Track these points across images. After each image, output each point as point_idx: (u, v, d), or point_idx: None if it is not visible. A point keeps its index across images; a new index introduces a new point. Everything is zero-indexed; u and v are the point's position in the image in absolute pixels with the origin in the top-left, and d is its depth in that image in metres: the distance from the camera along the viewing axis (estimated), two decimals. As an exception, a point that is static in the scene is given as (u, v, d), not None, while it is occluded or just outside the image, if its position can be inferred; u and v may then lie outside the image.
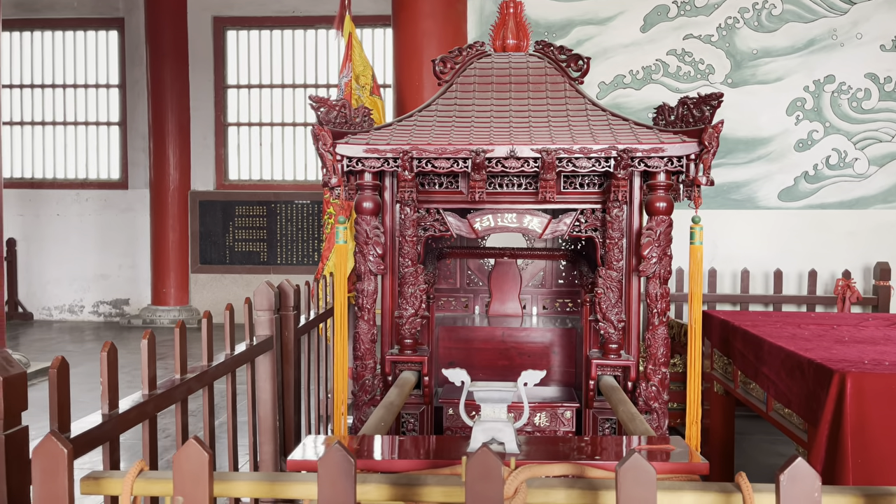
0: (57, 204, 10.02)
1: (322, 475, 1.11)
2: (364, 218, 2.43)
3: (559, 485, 1.36)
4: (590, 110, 2.56)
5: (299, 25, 9.82)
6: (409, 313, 2.46)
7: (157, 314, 9.53)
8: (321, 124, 2.33)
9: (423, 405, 2.51)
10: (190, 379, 2.41)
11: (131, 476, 1.35)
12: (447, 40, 5.30)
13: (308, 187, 9.92)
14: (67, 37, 10.13)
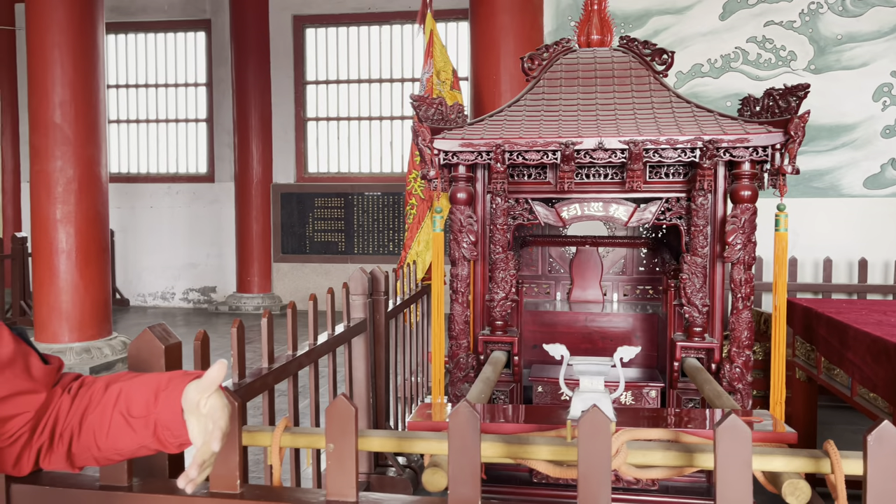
0: (150, 197, 10.64)
1: (452, 427, 1.29)
2: (458, 207, 2.60)
3: (656, 447, 1.50)
4: (674, 102, 2.66)
5: (375, 21, 10.08)
6: (500, 297, 2.62)
7: (242, 301, 10.01)
8: (420, 121, 2.51)
9: (513, 383, 2.67)
10: (301, 355, 2.65)
11: (279, 430, 1.57)
12: (523, 34, 5.42)
13: (383, 179, 10.20)
14: (159, 38, 10.71)
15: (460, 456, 1.29)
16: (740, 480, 1.24)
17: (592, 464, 1.27)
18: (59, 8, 6.07)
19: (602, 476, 1.26)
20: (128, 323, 9.18)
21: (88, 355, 6.35)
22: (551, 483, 2.43)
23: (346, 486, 1.33)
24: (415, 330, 4.57)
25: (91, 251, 6.39)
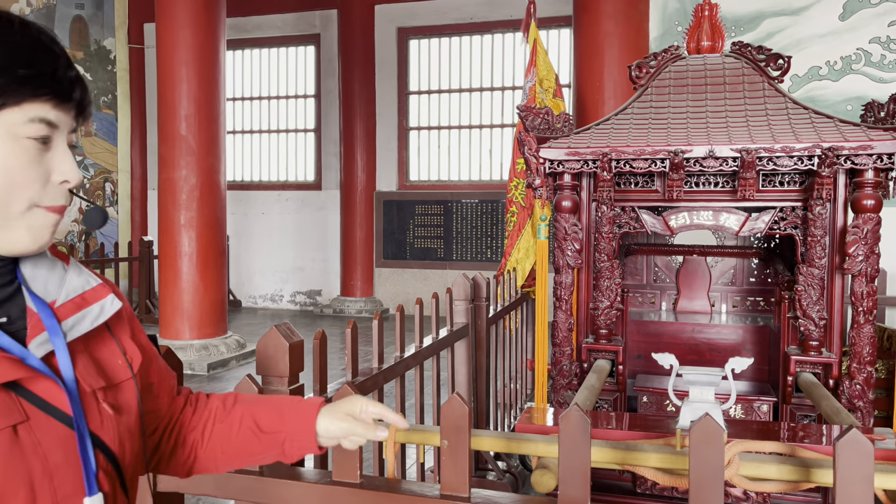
0: (262, 204, 11.21)
1: (563, 430, 1.33)
2: (563, 216, 2.63)
3: (771, 460, 1.48)
4: (790, 108, 2.58)
5: (476, 31, 10.22)
6: (605, 305, 2.62)
7: (346, 304, 10.36)
8: (527, 131, 2.56)
9: (617, 392, 2.66)
10: (408, 357, 2.75)
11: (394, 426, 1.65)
12: (628, 41, 5.36)
13: (482, 187, 10.30)
14: (272, 53, 11.29)
15: (571, 458, 1.33)
16: (861, 497, 1.21)
17: (705, 473, 1.27)
18: (186, 28, 6.54)
19: (715, 485, 1.27)
20: (240, 323, 9.69)
21: (206, 352, 6.77)
22: (655, 494, 2.40)
23: (459, 481, 1.40)
24: (514, 337, 4.61)
25: (210, 255, 6.82)
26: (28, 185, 0.80)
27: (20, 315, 0.84)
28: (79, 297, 0.88)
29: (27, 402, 0.79)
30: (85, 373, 0.87)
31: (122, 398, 0.91)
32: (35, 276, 0.87)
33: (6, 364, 0.77)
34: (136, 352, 0.97)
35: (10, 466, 0.76)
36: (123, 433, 0.90)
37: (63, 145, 0.83)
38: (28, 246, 0.83)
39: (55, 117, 0.81)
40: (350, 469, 1.47)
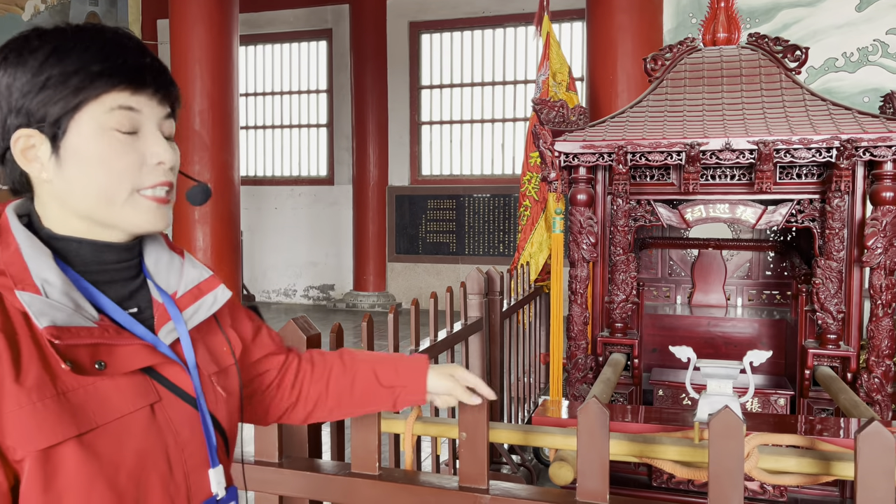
0: (275, 199, 11.25)
1: (582, 423, 1.33)
2: (578, 209, 2.62)
3: (790, 453, 1.47)
4: (808, 100, 2.56)
5: (489, 25, 10.19)
6: (620, 299, 2.62)
7: (359, 299, 10.39)
8: (542, 124, 2.56)
9: (633, 386, 2.66)
10: (422, 351, 2.75)
11: (412, 418, 1.66)
12: (642, 34, 5.33)
13: (494, 181, 10.29)
14: (284, 48, 11.30)
15: (589, 450, 1.33)
16: (882, 490, 1.21)
17: (724, 465, 1.27)
18: (199, 24, 6.56)
19: (734, 478, 1.26)
20: (253, 317, 9.73)
21: (221, 346, 6.81)
22: (672, 487, 2.40)
23: (477, 473, 1.40)
24: (527, 331, 4.61)
25: (224, 249, 6.86)
26: (126, 172, 0.86)
27: (147, 305, 0.93)
28: (195, 287, 0.97)
29: (159, 384, 0.88)
30: (202, 358, 0.96)
31: (229, 382, 1.00)
32: (158, 270, 0.95)
33: (143, 351, 0.86)
34: (237, 339, 1.05)
35: (152, 438, 0.85)
36: (232, 413, 1.00)
37: (152, 129, 0.88)
38: (143, 226, 0.89)
39: (135, 103, 0.86)
40: (369, 461, 1.48)
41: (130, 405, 0.83)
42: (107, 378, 0.82)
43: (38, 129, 0.84)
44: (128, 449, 0.82)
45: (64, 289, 0.81)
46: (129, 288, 0.92)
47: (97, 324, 0.82)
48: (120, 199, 0.86)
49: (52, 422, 0.76)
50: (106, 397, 0.81)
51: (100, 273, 0.89)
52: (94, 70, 0.83)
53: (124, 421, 0.82)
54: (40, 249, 0.84)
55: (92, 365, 0.80)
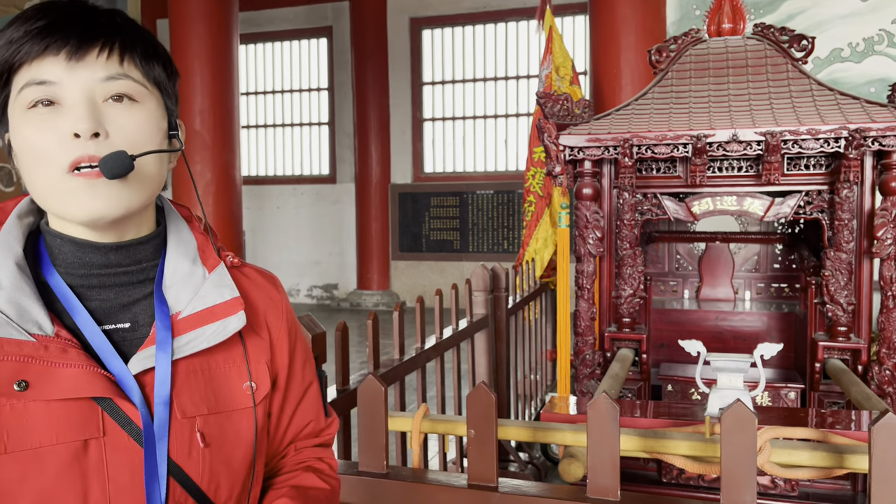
0: (277, 198, 11.24)
1: (592, 418, 1.31)
2: (584, 203, 2.60)
3: (803, 447, 1.45)
4: (815, 90, 2.53)
5: (490, 20, 10.15)
6: (628, 293, 2.59)
7: (363, 297, 10.38)
8: (546, 118, 2.53)
9: (641, 381, 2.64)
10: (428, 349, 2.73)
11: (419, 416, 1.64)
12: (645, 26, 5.29)
13: (497, 177, 10.26)
14: (284, 47, 11.28)
15: (599, 446, 1.31)
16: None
17: (736, 459, 1.25)
18: (199, 22, 6.54)
19: (747, 472, 1.24)
20: (258, 317, 9.73)
21: (225, 346, 6.80)
22: (681, 483, 2.38)
23: (486, 470, 1.38)
24: (533, 327, 4.58)
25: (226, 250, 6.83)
26: (47, 155, 0.74)
27: (147, 322, 0.81)
28: (206, 310, 0.81)
29: (110, 416, 0.75)
30: (186, 395, 0.79)
31: (228, 427, 0.82)
32: (173, 281, 0.82)
33: (86, 377, 0.73)
34: (264, 378, 0.87)
35: (68, 480, 0.72)
36: (217, 467, 0.81)
37: (73, 97, 0.74)
38: (79, 213, 0.75)
39: (42, 73, 0.73)
40: (377, 460, 1.46)
41: (55, 436, 0.71)
42: (39, 401, 0.71)
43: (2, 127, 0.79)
44: (32, 486, 0.70)
45: (11, 294, 0.73)
46: (126, 298, 0.80)
47: (37, 338, 0.72)
48: (49, 187, 0.74)
49: None
50: (29, 422, 0.71)
51: (84, 277, 0.79)
52: (3, 55, 0.74)
53: (40, 453, 0.71)
54: (9, 247, 0.77)
55: (11, 384, 0.70)
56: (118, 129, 0.75)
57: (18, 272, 0.75)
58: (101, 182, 0.73)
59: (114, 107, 0.76)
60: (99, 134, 0.74)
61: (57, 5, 0.76)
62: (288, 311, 0.95)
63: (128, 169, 0.74)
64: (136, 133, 0.77)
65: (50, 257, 0.79)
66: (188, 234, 0.87)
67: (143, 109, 0.78)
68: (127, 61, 0.77)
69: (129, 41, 0.77)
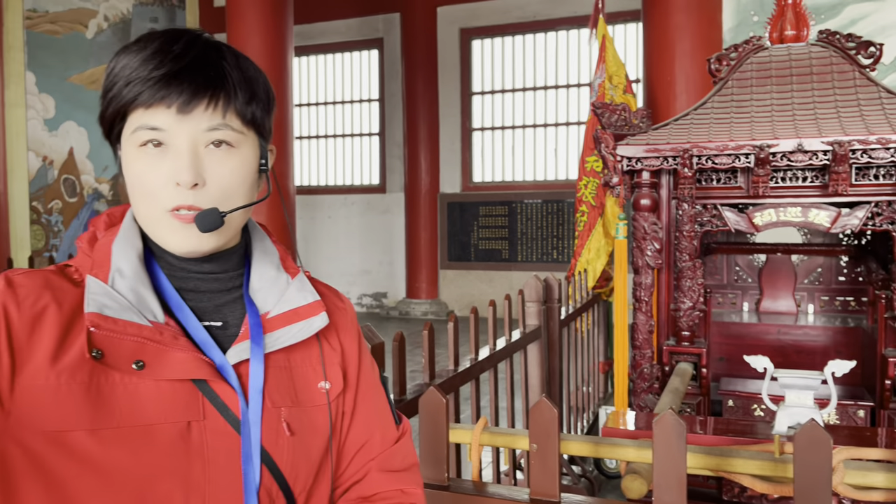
0: (328, 208, 11.40)
1: (657, 435, 1.28)
2: (641, 214, 2.56)
3: (878, 468, 1.40)
4: (884, 98, 2.45)
5: (540, 29, 10.13)
6: (687, 306, 2.55)
7: (411, 306, 10.43)
8: (604, 128, 2.51)
9: (700, 396, 2.58)
10: (483, 360, 2.73)
11: (479, 428, 1.64)
12: (701, 33, 5.20)
13: (547, 186, 10.20)
14: (336, 59, 11.47)
15: (665, 463, 1.28)
16: None
17: (810, 480, 1.21)
18: (255, 36, 6.71)
19: (821, 494, 1.21)
20: (309, 324, 9.86)
21: (278, 353, 6.91)
22: (743, 501, 2.31)
23: (549, 485, 1.37)
24: (585, 339, 4.53)
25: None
26: (152, 194, 0.81)
27: (236, 322, 0.87)
28: (291, 311, 0.89)
29: (209, 402, 0.81)
30: (274, 387, 0.86)
31: (306, 421, 0.88)
32: (259, 287, 0.89)
33: (195, 362, 0.80)
34: (338, 378, 0.93)
35: (173, 457, 0.77)
36: (298, 456, 0.86)
37: (178, 145, 0.80)
38: (175, 247, 0.83)
39: (154, 121, 0.80)
40: (438, 471, 1.46)
41: (163, 416, 0.78)
42: (150, 381, 0.78)
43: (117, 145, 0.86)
44: (142, 460, 0.76)
45: (132, 283, 0.80)
46: (218, 301, 0.88)
47: (154, 324, 0.79)
48: (151, 219, 0.82)
49: (68, 407, 0.74)
50: (140, 400, 0.77)
51: (185, 279, 0.86)
52: (118, 89, 0.81)
53: (150, 430, 0.77)
54: (131, 243, 0.84)
55: (130, 362, 0.77)
56: (215, 178, 0.82)
57: (139, 265, 0.83)
58: (190, 226, 0.81)
59: (213, 153, 0.82)
60: (198, 184, 0.81)
61: (172, 47, 0.81)
62: (354, 318, 1.00)
63: (218, 225, 0.82)
64: (230, 181, 0.83)
65: (156, 259, 0.86)
66: (271, 246, 0.95)
67: (238, 155, 0.84)
68: (229, 112, 0.83)
69: (234, 90, 0.83)
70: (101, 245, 0.84)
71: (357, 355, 0.97)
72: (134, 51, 0.82)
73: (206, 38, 0.84)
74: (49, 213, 9.05)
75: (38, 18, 9.02)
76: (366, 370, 0.98)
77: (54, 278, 0.80)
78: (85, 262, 0.83)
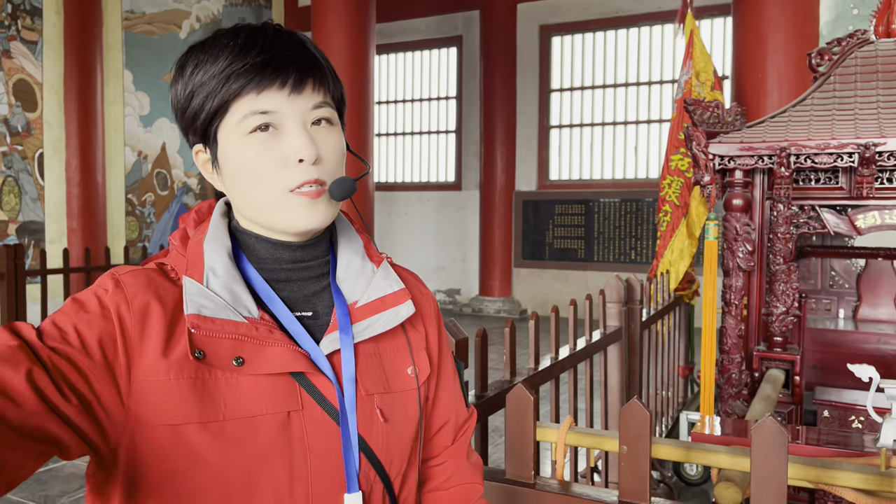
0: (404, 204, 11.53)
1: (757, 443, 1.24)
2: (733, 215, 2.48)
3: None
4: None
5: (622, 25, 9.93)
6: (780, 311, 2.45)
7: (484, 304, 10.43)
8: (695, 125, 2.44)
9: (792, 404, 2.48)
10: (563, 360, 2.70)
11: (565, 428, 1.62)
12: (796, 27, 4.99)
13: (625, 185, 10.00)
14: (415, 56, 11.58)
15: (765, 473, 1.24)
16: None
17: (925, 499, 1.14)
18: (339, 34, 6.85)
19: (938, 514, 1.13)
20: (383, 319, 10.00)
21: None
22: (839, 518, 2.21)
23: (639, 489, 1.34)
24: (666, 342, 4.42)
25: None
26: (269, 176, 0.82)
27: (326, 311, 0.89)
28: (379, 300, 0.90)
29: (306, 392, 0.83)
30: (366, 375, 0.88)
31: (398, 407, 0.90)
32: (346, 276, 0.91)
33: (291, 355, 0.82)
34: (425, 363, 0.95)
35: (277, 447, 0.80)
36: (392, 442, 0.89)
37: (291, 124, 0.82)
38: (296, 226, 0.84)
39: (265, 104, 0.81)
40: (524, 469, 1.45)
41: (265, 407, 0.80)
42: (248, 375, 0.80)
43: (203, 143, 0.87)
44: (247, 450, 0.78)
45: (226, 281, 0.82)
46: (308, 291, 0.89)
47: (249, 320, 0.81)
48: (270, 203, 0.83)
49: (179, 402, 0.76)
50: (242, 393, 0.79)
51: (275, 271, 0.87)
52: (218, 83, 0.82)
53: (253, 421, 0.79)
54: (220, 241, 0.86)
55: (230, 359, 0.79)
56: (326, 153, 0.84)
57: (230, 262, 0.85)
58: (320, 200, 0.83)
59: (319, 131, 0.84)
60: (318, 159, 0.83)
61: (263, 35, 0.83)
62: (435, 303, 1.02)
63: (353, 191, 0.84)
64: (336, 155, 0.86)
65: (244, 253, 0.88)
66: (355, 235, 0.95)
67: (335, 131, 0.87)
68: (325, 90, 0.85)
69: (325, 70, 0.86)
70: (193, 244, 0.86)
71: (438, 340, 1.00)
72: (217, 49, 0.83)
73: (283, 28, 0.86)
74: (143, 206, 9.51)
75: (136, 19, 9.47)
76: (445, 354, 1.01)
77: (156, 276, 0.82)
78: (180, 262, 0.85)
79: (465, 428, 1.04)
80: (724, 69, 8.14)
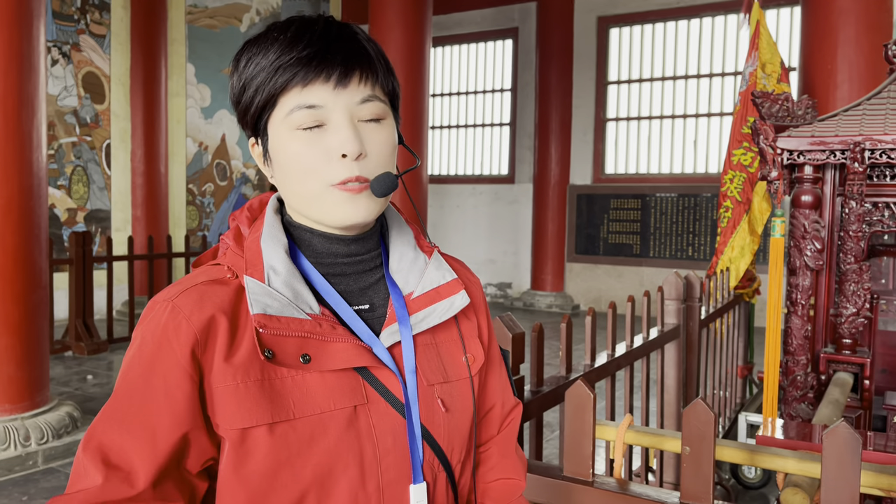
0: (457, 197, 11.53)
1: (828, 449, 1.19)
2: (802, 212, 2.39)
3: None
4: None
5: (682, 16, 9.69)
6: (850, 312, 2.36)
7: (536, 298, 10.36)
8: (763, 119, 2.36)
9: (860, 409, 2.39)
10: (619, 357, 2.66)
11: (624, 426, 1.60)
12: (868, 17, 4.78)
13: (683, 180, 9.78)
14: (471, 49, 11.55)
15: (837, 479, 1.19)
16: None
17: None
18: (396, 27, 6.87)
19: None
20: (434, 311, 10.05)
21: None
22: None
23: (702, 491, 1.31)
24: (724, 341, 4.31)
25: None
26: (313, 170, 0.82)
27: (382, 303, 0.89)
28: (433, 290, 0.90)
29: (370, 386, 0.84)
30: (426, 366, 0.88)
31: (456, 396, 0.91)
32: (400, 267, 0.91)
33: (355, 350, 0.82)
34: (478, 351, 0.95)
35: (347, 441, 0.81)
36: (453, 431, 0.90)
37: (337, 119, 0.81)
38: (339, 220, 0.84)
39: (311, 98, 0.81)
40: (583, 466, 1.44)
41: (332, 403, 0.80)
42: (314, 371, 0.80)
43: (255, 136, 0.88)
44: (319, 447, 0.79)
45: (287, 279, 0.82)
46: (363, 283, 0.89)
47: (312, 317, 0.81)
48: (314, 197, 0.82)
49: (250, 404, 0.77)
50: (309, 391, 0.80)
51: (331, 265, 0.87)
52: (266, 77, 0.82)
53: (322, 418, 0.80)
54: (277, 238, 0.85)
55: (297, 357, 0.79)
56: (373, 149, 0.83)
57: (288, 259, 0.84)
58: (361, 196, 0.83)
59: (367, 127, 0.83)
60: (362, 154, 0.82)
61: (312, 28, 0.83)
62: (481, 288, 1.03)
63: (394, 188, 0.84)
64: (385, 151, 0.85)
65: (299, 248, 0.88)
66: (406, 226, 0.96)
67: (386, 127, 0.85)
68: (376, 84, 0.84)
69: (375, 63, 0.85)
70: (249, 243, 0.86)
71: (487, 328, 1.01)
72: (267, 42, 0.83)
73: (335, 19, 0.86)
74: (203, 196, 9.76)
75: (199, 13, 9.71)
76: (493, 341, 1.02)
77: (207, 289, 0.82)
78: (238, 262, 0.85)
79: (511, 418, 1.04)
80: (791, 61, 7.87)
